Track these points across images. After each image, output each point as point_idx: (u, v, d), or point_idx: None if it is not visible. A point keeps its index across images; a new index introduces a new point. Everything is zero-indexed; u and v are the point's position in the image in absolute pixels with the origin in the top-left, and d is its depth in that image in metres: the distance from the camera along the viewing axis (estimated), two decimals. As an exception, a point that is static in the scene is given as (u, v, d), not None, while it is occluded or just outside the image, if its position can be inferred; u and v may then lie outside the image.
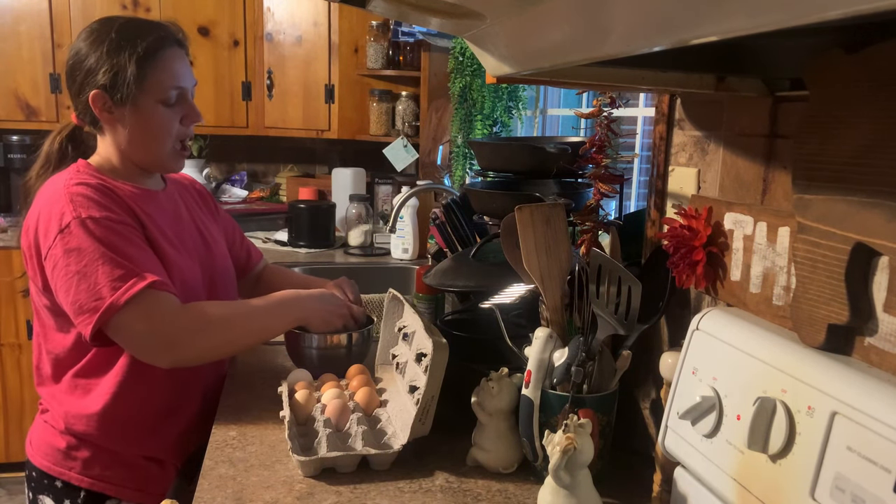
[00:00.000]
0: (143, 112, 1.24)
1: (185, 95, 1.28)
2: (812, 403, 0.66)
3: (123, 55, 1.21)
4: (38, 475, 1.28)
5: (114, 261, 1.13)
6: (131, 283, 1.12)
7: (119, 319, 1.13)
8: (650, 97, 1.93)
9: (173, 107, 1.26)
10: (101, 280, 1.12)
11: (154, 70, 1.23)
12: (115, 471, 1.26)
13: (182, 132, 1.29)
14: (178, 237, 1.33)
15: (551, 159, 1.34)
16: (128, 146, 1.26)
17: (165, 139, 1.27)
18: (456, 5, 0.72)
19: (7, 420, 2.96)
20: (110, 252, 1.13)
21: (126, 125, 1.24)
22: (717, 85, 0.87)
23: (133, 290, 1.12)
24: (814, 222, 0.70)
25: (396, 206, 2.15)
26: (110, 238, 1.15)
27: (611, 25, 0.57)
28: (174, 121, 1.27)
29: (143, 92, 1.22)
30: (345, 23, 2.98)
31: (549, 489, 0.88)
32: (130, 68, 1.20)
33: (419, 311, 1.26)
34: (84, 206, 1.16)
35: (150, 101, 1.23)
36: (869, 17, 0.33)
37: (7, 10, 2.93)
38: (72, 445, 1.26)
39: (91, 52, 1.23)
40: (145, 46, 1.22)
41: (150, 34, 1.24)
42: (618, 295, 0.99)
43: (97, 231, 1.14)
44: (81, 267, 1.13)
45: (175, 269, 1.25)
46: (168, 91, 1.25)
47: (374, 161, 3.12)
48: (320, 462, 1.05)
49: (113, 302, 1.11)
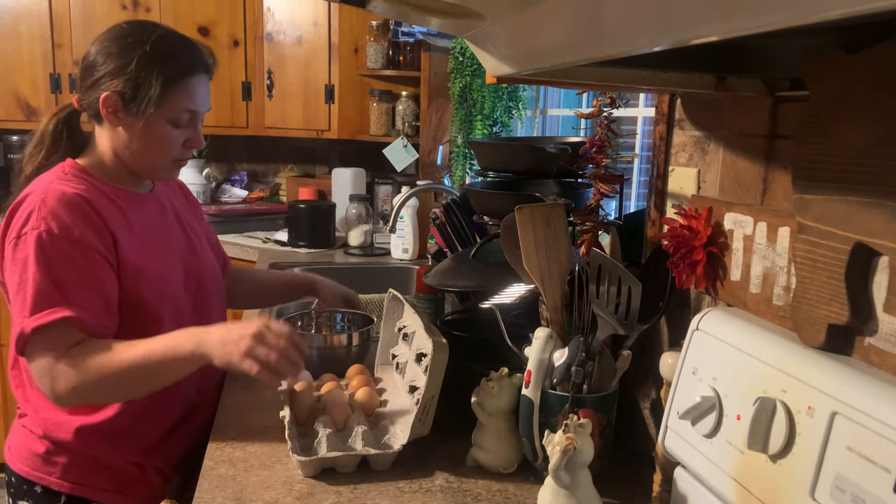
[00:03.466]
0: (150, 127, 1.23)
1: (196, 120, 1.28)
2: (812, 403, 0.66)
3: (152, 73, 1.20)
4: (18, 480, 1.27)
5: (44, 283, 1.12)
6: (47, 312, 1.11)
7: (28, 346, 1.13)
8: (650, 97, 1.93)
9: (182, 128, 1.26)
10: (28, 299, 1.12)
11: (176, 94, 1.22)
12: (96, 475, 1.25)
13: (182, 153, 1.29)
14: (161, 239, 1.32)
15: (551, 159, 1.34)
16: (124, 152, 1.26)
17: (165, 155, 1.27)
18: (456, 5, 0.72)
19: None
20: (45, 273, 1.12)
21: (130, 133, 1.24)
22: (718, 85, 0.87)
23: (43, 321, 1.10)
24: (814, 222, 0.70)
25: (396, 206, 2.15)
26: (55, 259, 1.13)
27: (611, 25, 0.57)
28: (178, 141, 1.27)
29: (159, 111, 1.22)
30: (345, 23, 2.98)
31: (549, 489, 0.88)
32: (155, 87, 1.20)
33: (419, 311, 1.26)
34: (47, 217, 1.14)
35: (161, 120, 1.23)
36: (869, 17, 0.33)
37: (7, 10, 2.93)
38: (51, 450, 1.24)
39: (118, 56, 1.21)
40: (175, 70, 1.22)
41: (182, 58, 1.24)
42: (618, 295, 0.99)
43: (47, 248, 1.13)
44: (23, 279, 1.13)
45: (148, 276, 1.24)
46: (181, 113, 1.24)
47: (374, 161, 3.11)
48: (320, 462, 1.05)
49: (23, 328, 1.11)
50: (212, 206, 3.12)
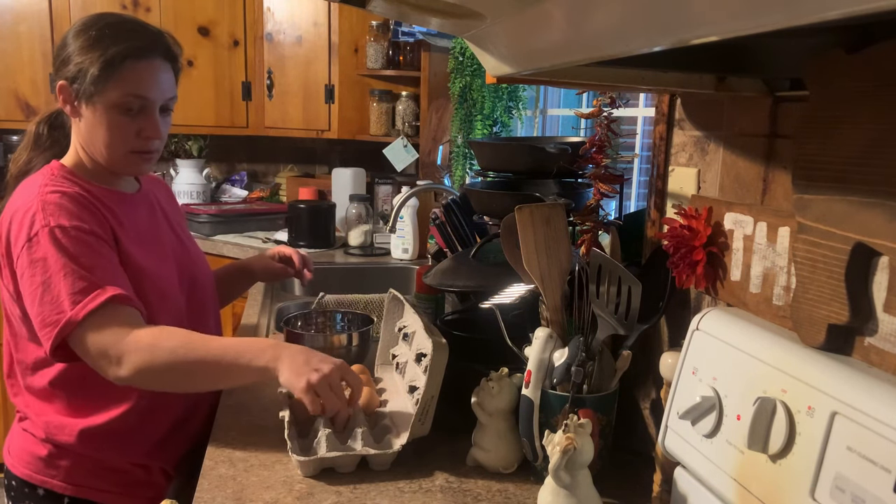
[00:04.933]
0: (97, 114, 1.20)
1: (149, 108, 1.23)
2: (812, 403, 0.66)
3: (93, 54, 1.18)
4: (18, 484, 1.26)
5: (76, 273, 1.11)
6: (93, 296, 1.10)
7: (78, 333, 1.11)
8: (650, 97, 1.93)
9: (134, 116, 1.22)
10: (62, 293, 1.10)
11: (116, 77, 1.18)
12: (100, 477, 1.25)
13: (139, 143, 1.24)
14: (154, 239, 1.31)
15: (551, 159, 1.34)
16: (86, 145, 1.24)
17: (116, 145, 1.22)
18: (456, 5, 0.72)
19: None
20: (74, 264, 1.11)
21: (86, 123, 1.22)
22: (717, 85, 0.87)
23: (93, 304, 1.09)
24: (814, 222, 0.70)
25: (396, 206, 2.15)
26: (76, 249, 1.13)
27: (611, 25, 0.57)
28: (128, 130, 1.22)
29: (100, 95, 1.19)
30: (345, 23, 2.98)
31: (549, 489, 0.88)
32: (92, 69, 1.17)
33: (419, 311, 1.26)
34: (54, 214, 1.14)
35: (106, 105, 1.20)
36: (869, 17, 0.33)
37: (7, 10, 2.93)
38: (53, 453, 1.24)
39: (71, 42, 1.21)
40: (116, 51, 1.18)
41: (129, 40, 1.20)
42: (618, 295, 0.99)
43: (64, 241, 1.12)
44: (46, 278, 1.11)
45: (149, 276, 1.24)
46: (125, 98, 1.20)
47: (374, 161, 3.11)
48: (319, 462, 1.05)
49: (72, 317, 1.09)
50: (212, 206, 3.12)
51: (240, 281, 1.70)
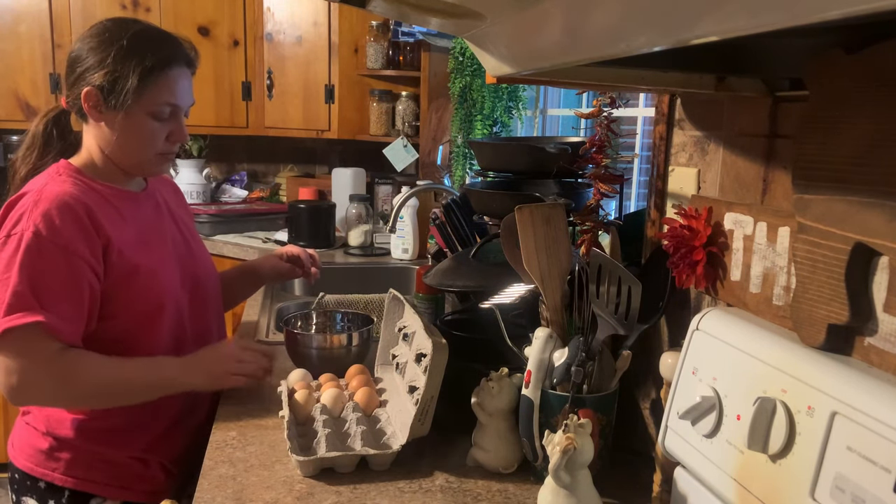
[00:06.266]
0: (131, 121, 1.23)
1: (178, 113, 1.28)
2: (812, 403, 0.66)
3: (129, 64, 1.20)
4: (21, 477, 1.28)
5: (22, 285, 1.12)
6: (19, 315, 1.11)
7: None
8: (650, 97, 1.93)
9: (164, 122, 1.26)
10: (4, 300, 1.12)
11: (154, 86, 1.22)
12: (99, 470, 1.26)
13: (166, 147, 1.29)
14: (157, 237, 1.33)
15: (551, 159, 1.34)
16: (109, 148, 1.26)
17: (148, 149, 1.27)
18: (456, 5, 0.72)
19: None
20: (24, 277, 1.12)
21: (112, 128, 1.24)
22: (717, 85, 0.87)
23: (14, 323, 1.11)
24: (814, 222, 0.70)
25: (396, 206, 2.15)
26: (40, 263, 1.14)
27: (611, 25, 0.56)
28: (160, 135, 1.27)
29: (138, 104, 1.22)
30: (345, 23, 2.98)
31: (549, 489, 0.88)
32: (132, 80, 1.20)
33: (419, 311, 1.26)
34: (37, 220, 1.15)
35: (141, 113, 1.23)
36: (869, 17, 0.33)
37: (7, 10, 2.93)
38: (54, 447, 1.25)
39: (97, 51, 1.22)
40: (153, 62, 1.22)
41: (160, 50, 1.24)
42: (618, 295, 0.99)
43: (32, 250, 1.13)
44: (2, 278, 1.13)
45: (145, 274, 1.25)
46: (161, 106, 1.24)
47: (374, 161, 3.11)
48: (319, 462, 1.05)
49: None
50: (212, 206, 3.12)
51: (246, 284, 1.71)
